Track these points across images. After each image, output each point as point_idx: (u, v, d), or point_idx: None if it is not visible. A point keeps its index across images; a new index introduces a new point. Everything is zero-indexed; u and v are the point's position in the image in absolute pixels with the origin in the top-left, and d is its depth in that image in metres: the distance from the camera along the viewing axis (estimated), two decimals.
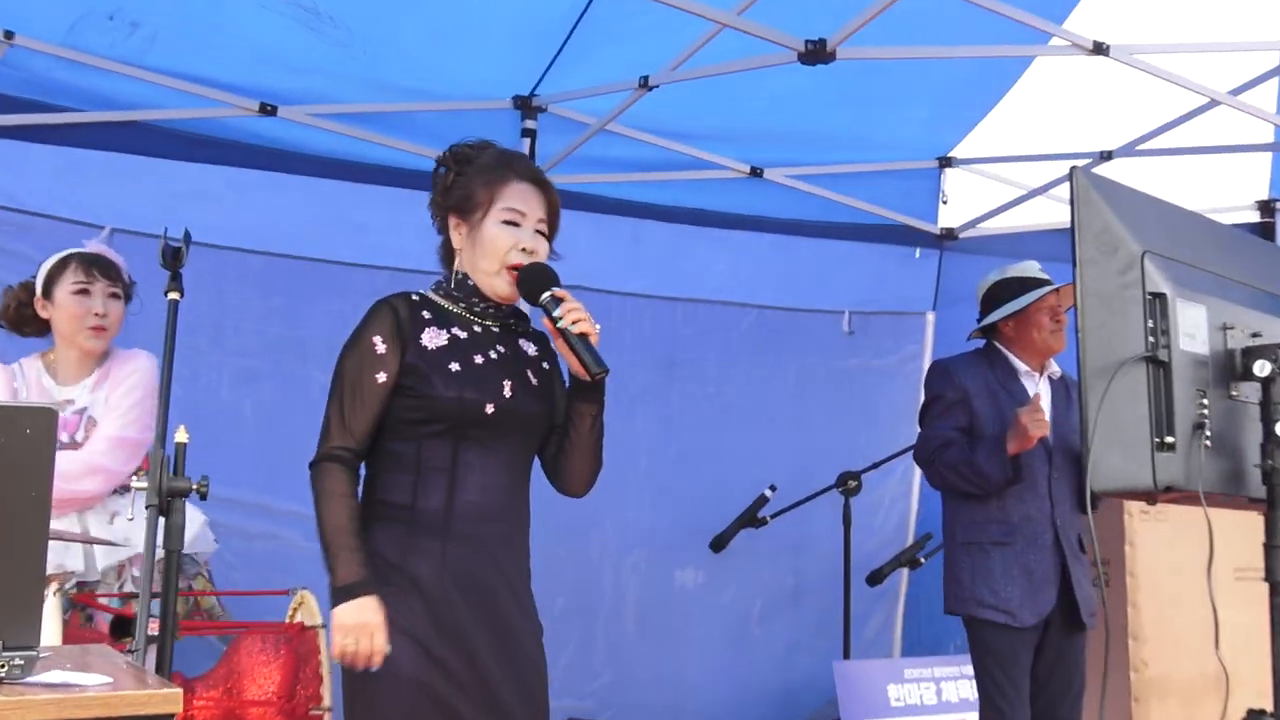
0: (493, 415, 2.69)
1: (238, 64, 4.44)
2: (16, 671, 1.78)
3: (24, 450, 1.78)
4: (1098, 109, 5.06)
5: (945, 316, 5.97)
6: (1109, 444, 2.33)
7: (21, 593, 1.80)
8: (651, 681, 5.39)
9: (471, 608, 2.65)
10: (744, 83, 4.53)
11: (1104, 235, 2.39)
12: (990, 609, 3.96)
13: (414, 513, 2.66)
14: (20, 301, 3.63)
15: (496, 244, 2.74)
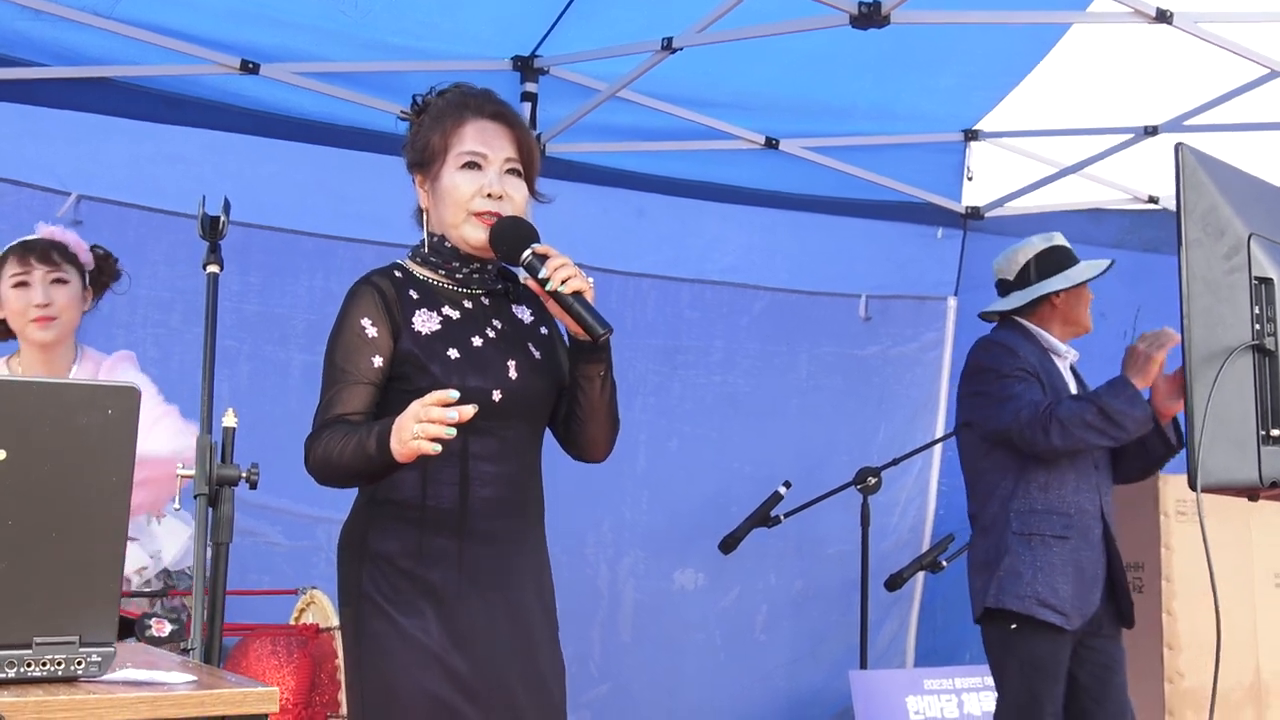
0: (501, 402, 2.66)
1: (217, 17, 4.44)
2: (94, 669, 1.82)
3: (106, 432, 1.81)
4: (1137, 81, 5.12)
5: (968, 302, 5.98)
6: (1215, 437, 2.40)
7: (100, 585, 1.83)
8: (649, 692, 5.44)
9: (490, 611, 2.66)
10: (760, 47, 4.56)
11: (1210, 216, 2.45)
12: (1049, 609, 3.99)
13: (424, 512, 2.64)
14: None
15: (458, 191, 2.70)
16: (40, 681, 1.77)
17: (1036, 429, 3.95)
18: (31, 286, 3.53)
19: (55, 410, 1.79)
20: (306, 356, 4.96)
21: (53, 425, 1.78)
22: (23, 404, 1.78)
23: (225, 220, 2.76)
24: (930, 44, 4.91)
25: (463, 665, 2.61)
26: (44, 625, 1.78)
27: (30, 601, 1.77)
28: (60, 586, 1.79)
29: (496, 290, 2.81)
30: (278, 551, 4.88)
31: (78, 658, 1.80)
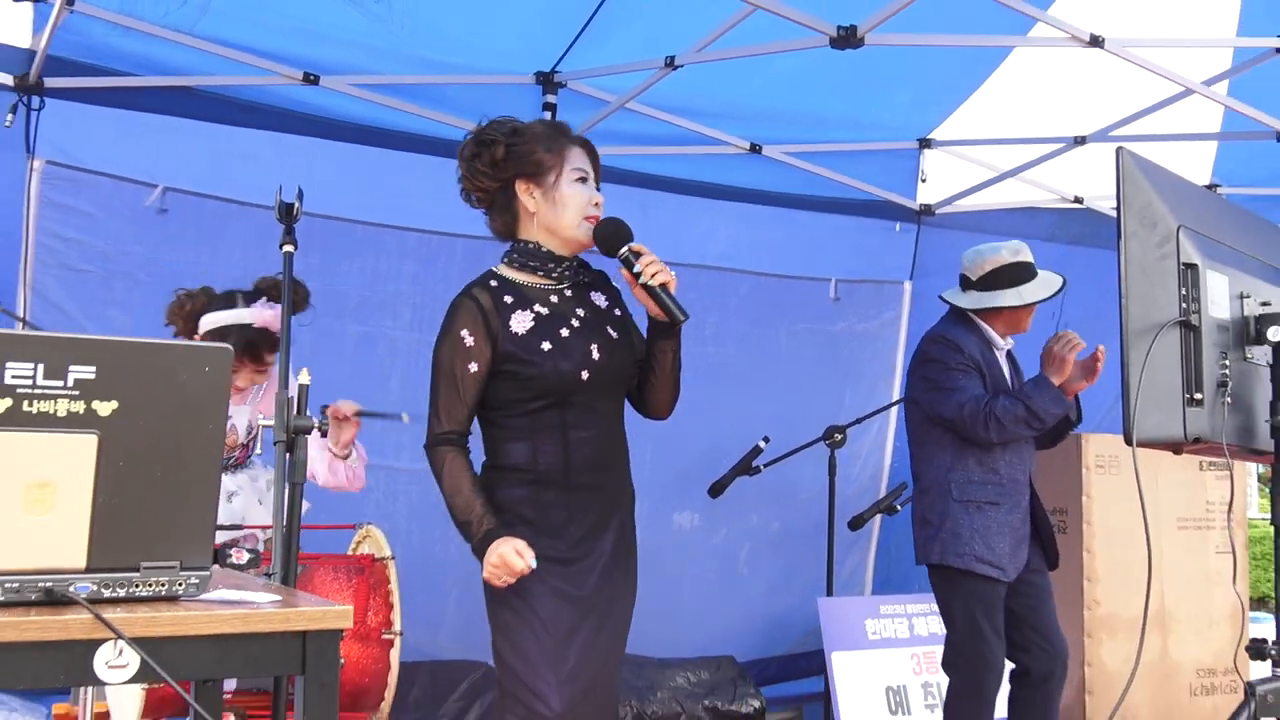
0: (588, 380, 2.81)
1: (283, 35, 4.40)
2: (193, 589, 1.80)
3: (204, 386, 1.79)
4: (1069, 97, 5.11)
5: (921, 286, 6.04)
6: (1147, 401, 2.39)
7: (197, 518, 1.81)
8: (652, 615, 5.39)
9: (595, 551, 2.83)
10: (746, 66, 4.54)
11: (1146, 211, 2.44)
12: (987, 564, 4.04)
13: (536, 474, 2.80)
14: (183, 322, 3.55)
15: (577, 199, 2.85)
16: (147, 600, 1.76)
17: (977, 423, 3.97)
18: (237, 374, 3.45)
19: (160, 367, 1.77)
20: (359, 327, 4.95)
21: (158, 380, 1.77)
22: (133, 362, 1.76)
23: (299, 206, 2.73)
24: (891, 64, 4.87)
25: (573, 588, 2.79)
26: (149, 552, 1.77)
27: (138, 531, 1.76)
28: (163, 518, 1.78)
29: (579, 282, 2.94)
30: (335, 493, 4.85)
31: (179, 580, 1.79)
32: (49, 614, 1.63)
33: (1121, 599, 5.42)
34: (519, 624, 2.76)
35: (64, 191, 4.37)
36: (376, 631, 3.11)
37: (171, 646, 1.67)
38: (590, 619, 2.80)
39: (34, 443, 1.68)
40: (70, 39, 4.22)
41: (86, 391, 1.71)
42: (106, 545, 1.73)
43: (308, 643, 1.74)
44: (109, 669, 1.63)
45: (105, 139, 4.42)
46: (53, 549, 1.70)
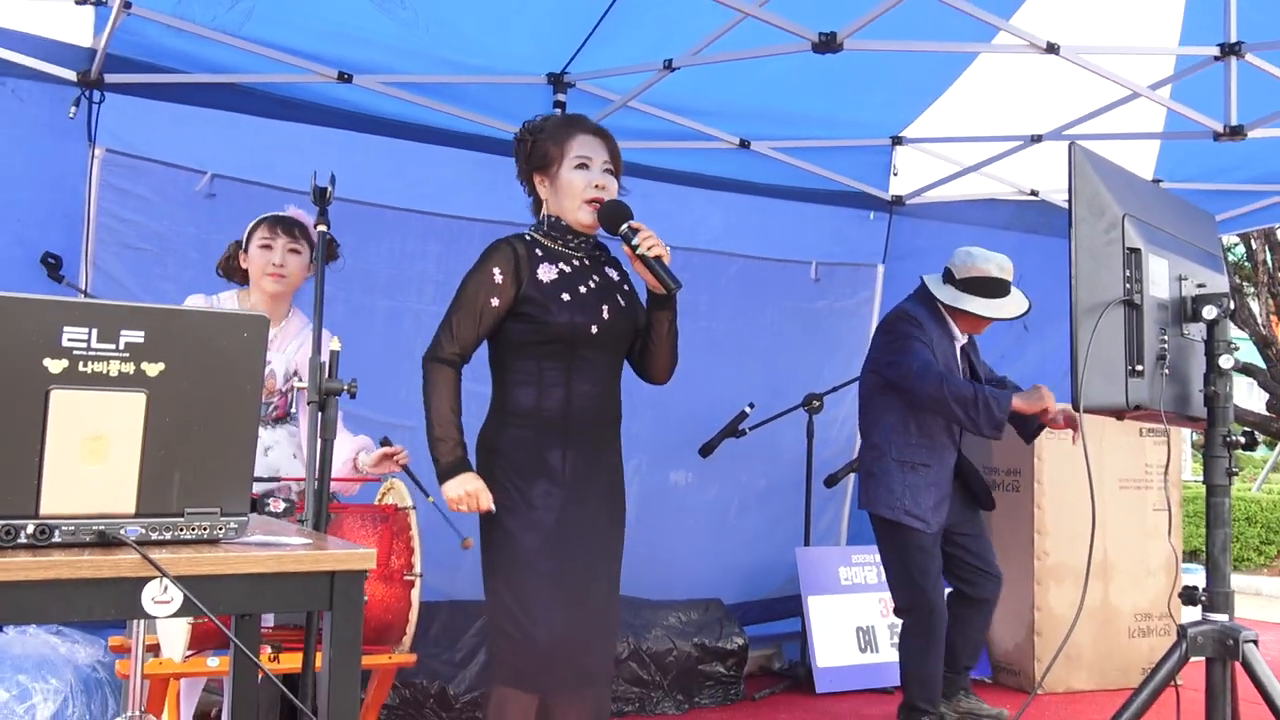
0: (597, 334, 2.81)
1: (320, 37, 4.36)
2: (231, 533, 1.79)
3: (242, 350, 1.77)
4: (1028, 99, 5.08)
5: (892, 269, 6.01)
6: (1094, 371, 2.38)
7: (236, 469, 1.80)
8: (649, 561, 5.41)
9: (582, 487, 2.83)
10: (737, 69, 4.52)
11: (1094, 200, 2.42)
12: (913, 518, 4.14)
13: (539, 416, 2.79)
14: (229, 255, 3.60)
15: (574, 185, 2.86)
16: (190, 543, 1.75)
17: (928, 379, 4.01)
18: (273, 250, 3.48)
19: (202, 332, 1.75)
20: (388, 302, 4.93)
21: (200, 344, 1.75)
22: (178, 328, 1.74)
23: (331, 190, 2.70)
24: (867, 68, 4.84)
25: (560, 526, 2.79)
26: (192, 499, 1.76)
27: (183, 479, 1.75)
28: (205, 469, 1.76)
29: (595, 256, 2.96)
30: None
31: (219, 524, 1.77)
32: (101, 554, 1.62)
33: (1068, 550, 5.43)
34: (511, 560, 2.77)
35: (122, 177, 4.34)
36: (399, 573, 3.10)
37: (211, 584, 1.66)
38: (579, 557, 2.80)
39: (89, 400, 1.66)
40: (128, 39, 4.19)
41: (136, 354, 1.69)
42: (154, 493, 1.72)
43: (335, 582, 1.73)
44: (155, 604, 1.62)
45: (160, 130, 4.38)
46: (106, 496, 1.69)
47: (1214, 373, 2.55)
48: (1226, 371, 2.53)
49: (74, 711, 3.78)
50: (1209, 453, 2.56)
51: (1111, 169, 2.50)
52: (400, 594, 3.12)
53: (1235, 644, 2.51)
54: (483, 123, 4.89)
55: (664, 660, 4.81)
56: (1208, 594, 2.57)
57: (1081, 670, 5.41)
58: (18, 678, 3.78)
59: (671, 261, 5.43)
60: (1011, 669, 5.48)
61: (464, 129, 4.90)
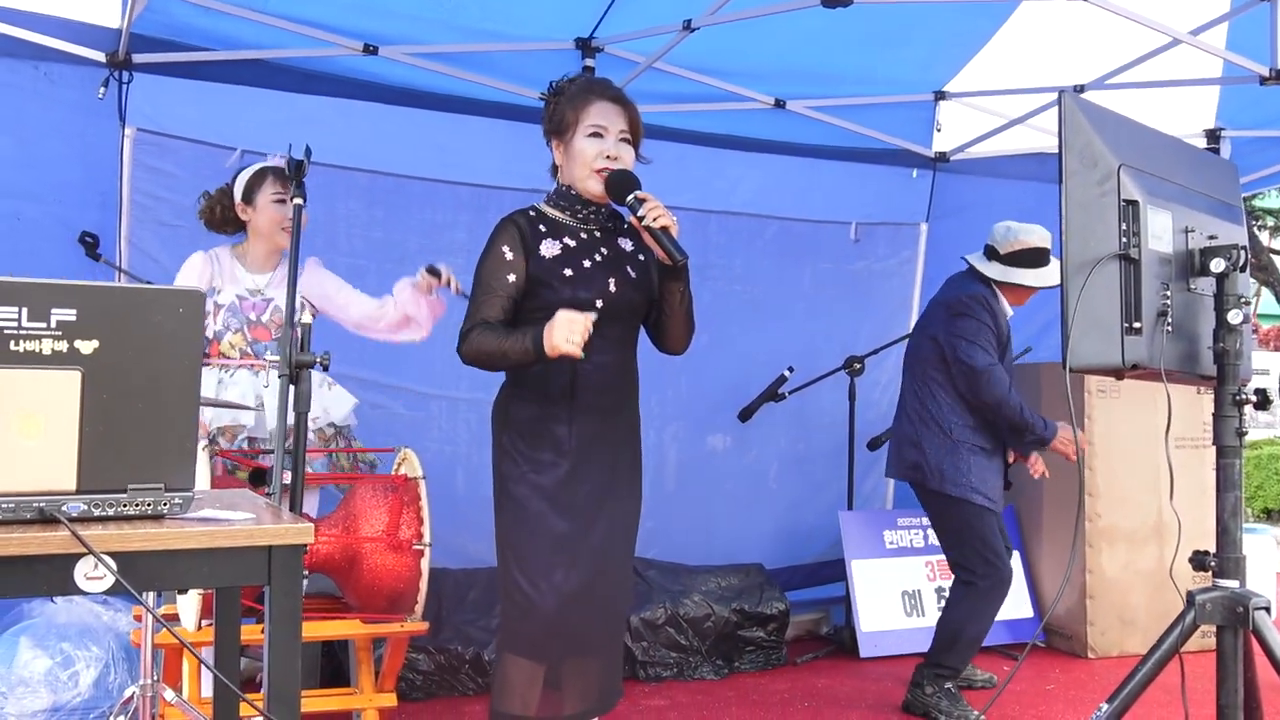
0: (602, 309, 2.78)
1: (345, 10, 4.34)
2: (176, 509, 1.78)
3: (178, 325, 1.76)
4: (1072, 48, 4.89)
5: (936, 228, 5.86)
6: (1086, 329, 2.27)
7: (178, 444, 1.79)
8: (688, 528, 5.40)
9: (591, 457, 2.81)
10: (770, 27, 4.41)
11: (1086, 151, 2.30)
12: (984, 497, 4.18)
13: (547, 390, 2.79)
14: (223, 206, 3.64)
15: (585, 153, 2.81)
16: (133, 519, 1.75)
17: (993, 384, 4.07)
18: (287, 204, 3.51)
19: (138, 309, 1.74)
20: None
21: (136, 321, 1.74)
22: (111, 305, 1.73)
23: (307, 163, 2.68)
24: (904, 22, 4.71)
25: (566, 494, 2.79)
26: (136, 474, 1.76)
27: (124, 456, 1.74)
28: (147, 445, 1.76)
29: (607, 227, 2.93)
30: (399, 420, 4.88)
31: (163, 500, 1.77)
32: (36, 531, 1.62)
33: (1120, 512, 5.27)
34: (517, 528, 2.78)
35: (154, 155, 4.38)
36: (408, 544, 3.10)
37: (146, 559, 1.66)
38: (586, 526, 2.79)
39: (21, 378, 1.66)
40: (154, 19, 4.22)
41: (69, 332, 1.69)
42: (95, 469, 1.72)
43: (273, 556, 1.72)
44: (88, 580, 1.62)
45: (188, 108, 4.41)
46: (46, 473, 1.70)
47: (1223, 328, 2.42)
48: (1236, 327, 2.39)
49: (115, 679, 3.87)
50: (1218, 412, 2.43)
51: (1108, 117, 2.38)
52: (410, 563, 3.13)
53: (1245, 611, 2.39)
54: (511, 90, 4.85)
55: (702, 626, 4.77)
56: (1218, 559, 2.46)
57: (1136, 634, 5.25)
58: (61, 645, 3.88)
59: (708, 225, 5.47)
60: (1064, 633, 5.35)
61: (492, 97, 4.86)
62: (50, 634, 3.90)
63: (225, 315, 3.56)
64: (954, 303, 4.21)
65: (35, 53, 4.18)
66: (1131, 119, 2.46)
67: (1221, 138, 5.46)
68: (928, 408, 4.24)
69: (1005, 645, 5.27)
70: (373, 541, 3.11)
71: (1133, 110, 4.73)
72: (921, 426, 4.25)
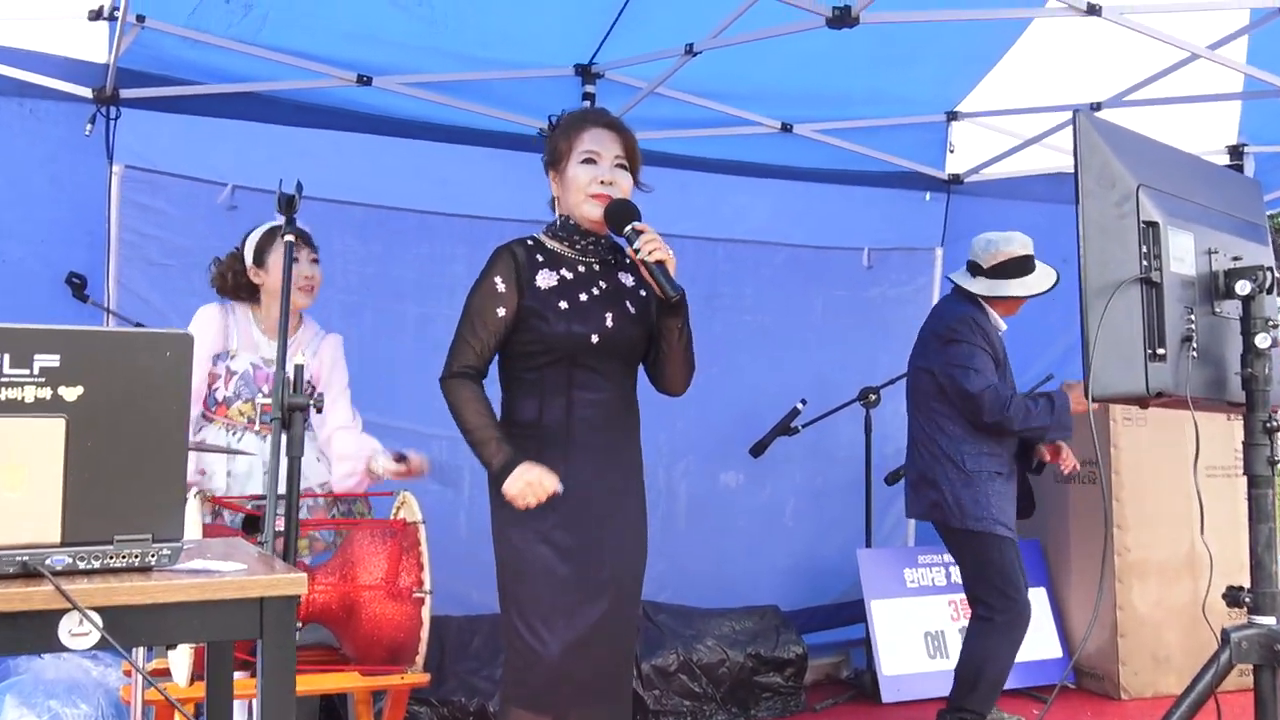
0: (598, 344, 2.79)
1: (338, 40, 4.39)
2: (164, 560, 1.78)
3: (166, 370, 1.76)
4: (1088, 65, 4.90)
5: (952, 251, 5.86)
6: (1107, 356, 2.27)
7: (166, 493, 1.79)
8: (700, 568, 5.37)
9: (589, 500, 2.79)
10: (775, 48, 4.43)
11: (1104, 171, 2.30)
12: (1004, 527, 4.16)
13: (540, 428, 2.78)
14: (235, 271, 3.58)
15: (579, 180, 2.82)
16: (120, 571, 1.74)
17: (995, 408, 4.05)
18: (301, 263, 3.52)
19: (123, 353, 1.75)
20: (417, 308, 4.94)
21: (122, 365, 1.74)
22: (96, 349, 1.74)
23: (298, 198, 2.69)
24: (916, 40, 4.73)
25: (565, 538, 2.77)
26: (122, 525, 1.75)
27: (110, 507, 1.74)
28: (134, 494, 1.76)
29: (607, 260, 2.93)
30: None
31: (151, 551, 1.77)
32: (20, 586, 1.62)
33: (1150, 545, 5.24)
34: (516, 574, 2.77)
35: (143, 193, 4.42)
36: (408, 591, 3.08)
37: (133, 614, 1.65)
38: (588, 570, 2.77)
39: (3, 428, 1.66)
40: (142, 52, 4.26)
41: (52, 378, 1.69)
42: (80, 521, 1.72)
43: (265, 608, 1.71)
44: (73, 636, 1.62)
45: (178, 143, 4.46)
46: (29, 525, 1.70)
47: (1251, 353, 2.41)
48: (1265, 351, 2.39)
49: None
50: (1249, 440, 2.42)
51: (1126, 137, 2.38)
52: (411, 612, 3.11)
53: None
54: (510, 119, 4.88)
55: (716, 672, 4.74)
56: (1253, 594, 2.44)
57: (1171, 674, 5.20)
58: (49, 703, 3.87)
59: (715, 253, 5.48)
60: (1094, 673, 5.30)
61: (490, 127, 4.90)
62: (38, 691, 3.89)
63: (237, 383, 3.51)
64: (943, 331, 4.24)
65: (20, 89, 4.23)
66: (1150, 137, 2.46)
67: (1245, 154, 5.47)
68: (937, 443, 4.24)
69: (1033, 688, 5.22)
70: (371, 590, 3.09)
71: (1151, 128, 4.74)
72: (934, 463, 4.24)
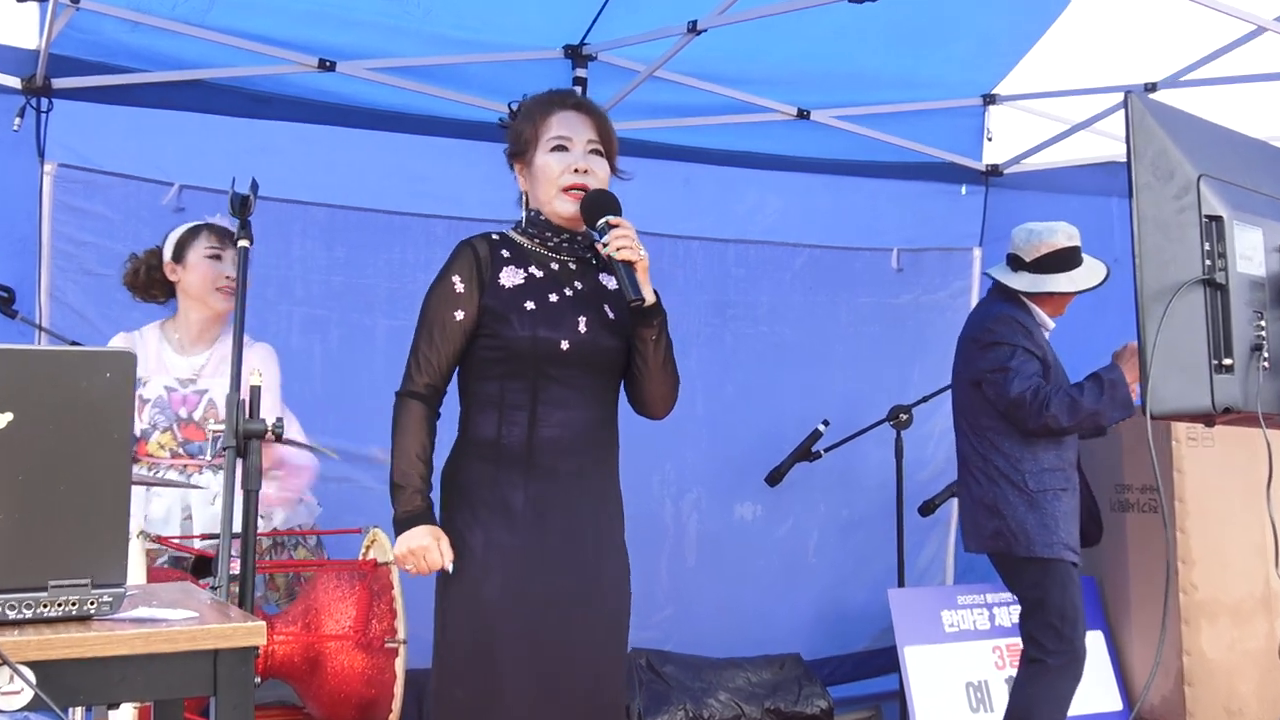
0: (568, 351, 2.72)
1: (296, 21, 4.43)
2: (105, 608, 1.78)
3: (105, 393, 1.77)
4: (1141, 41, 4.92)
5: (993, 252, 5.85)
6: (1167, 367, 2.26)
7: (108, 532, 1.79)
8: (712, 612, 5.37)
9: (554, 539, 2.71)
10: (790, 25, 4.46)
11: (1160, 160, 2.31)
12: (1072, 552, 4.11)
13: (499, 448, 2.71)
14: (150, 266, 3.63)
15: (549, 170, 2.78)
16: (55, 621, 1.74)
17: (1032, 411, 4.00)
18: (224, 261, 3.57)
19: (57, 375, 1.75)
20: (390, 322, 4.94)
21: (55, 388, 1.75)
22: (26, 370, 1.74)
23: (253, 199, 2.70)
24: (948, 14, 4.76)
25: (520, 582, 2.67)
26: (58, 569, 1.75)
27: (44, 548, 1.74)
28: (72, 534, 1.76)
29: (584, 258, 2.88)
30: (371, 494, 4.86)
31: (90, 598, 1.77)
32: None
33: (1220, 582, 5.22)
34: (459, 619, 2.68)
35: (78, 194, 4.44)
36: (380, 640, 3.10)
37: (71, 669, 1.65)
38: (549, 615, 2.67)
39: None
40: (78, 37, 4.29)
41: None
42: (10, 564, 1.72)
43: (219, 662, 1.72)
44: (2, 695, 1.62)
45: (118, 138, 4.47)
46: None
47: None
48: None
49: None
50: None
51: (1186, 121, 2.39)
52: (383, 664, 3.12)
53: None
54: (490, 108, 4.90)
55: None
56: None
57: None
58: None
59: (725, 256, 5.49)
60: None
61: (468, 116, 4.92)
62: None
63: (151, 412, 3.52)
64: (980, 334, 4.22)
65: None
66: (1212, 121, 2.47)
67: None
68: (993, 463, 4.20)
69: None
70: (338, 640, 3.10)
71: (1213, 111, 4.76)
72: (992, 486, 4.19)
